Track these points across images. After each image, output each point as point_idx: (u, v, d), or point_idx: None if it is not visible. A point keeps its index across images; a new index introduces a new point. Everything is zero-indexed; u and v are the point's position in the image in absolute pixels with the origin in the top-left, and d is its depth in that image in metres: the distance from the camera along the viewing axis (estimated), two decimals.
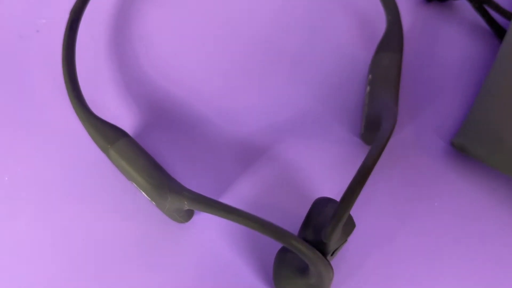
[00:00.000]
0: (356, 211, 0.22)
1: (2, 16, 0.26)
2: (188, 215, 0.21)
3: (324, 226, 0.18)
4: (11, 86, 0.24)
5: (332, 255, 0.18)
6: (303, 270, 0.17)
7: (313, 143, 0.24)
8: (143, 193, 0.20)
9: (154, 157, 0.22)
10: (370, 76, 0.24)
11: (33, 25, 0.26)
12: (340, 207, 0.16)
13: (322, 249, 0.17)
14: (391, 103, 0.20)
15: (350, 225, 0.18)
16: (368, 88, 0.23)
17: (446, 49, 0.27)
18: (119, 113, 0.24)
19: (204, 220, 0.21)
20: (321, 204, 0.19)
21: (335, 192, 0.22)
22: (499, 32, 0.26)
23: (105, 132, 0.20)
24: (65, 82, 0.22)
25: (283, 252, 0.18)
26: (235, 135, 0.24)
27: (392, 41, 0.23)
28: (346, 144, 0.24)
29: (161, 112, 0.24)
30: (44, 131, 0.23)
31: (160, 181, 0.19)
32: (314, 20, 0.27)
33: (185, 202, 0.17)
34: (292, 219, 0.22)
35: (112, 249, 0.21)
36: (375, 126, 0.21)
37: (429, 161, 0.23)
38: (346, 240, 0.18)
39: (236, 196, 0.22)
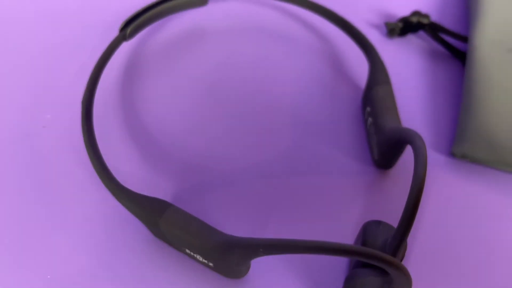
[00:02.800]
0: None
1: (8, 120, 0.26)
2: (248, 267, 0.21)
3: (383, 247, 0.19)
4: (33, 183, 0.24)
5: None
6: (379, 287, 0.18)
7: (333, 177, 0.25)
8: (199, 257, 0.21)
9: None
10: (368, 108, 0.26)
11: (40, 121, 0.26)
12: (402, 226, 0.18)
13: None
14: (401, 126, 0.23)
15: (405, 245, 0.20)
16: (369, 119, 0.26)
17: (418, 74, 0.30)
18: (151, 185, 0.24)
19: (257, 272, 0.22)
20: (372, 227, 0.20)
21: (370, 213, 0.24)
22: (457, 53, 0.31)
23: (151, 206, 0.21)
24: (96, 170, 0.22)
25: (354, 276, 0.19)
26: (264, 187, 0.25)
27: (380, 75, 0.26)
28: (360, 173, 0.26)
29: (189, 176, 0.25)
30: (79, 223, 0.23)
31: (222, 238, 0.19)
32: (303, 74, 0.30)
33: (260, 250, 0.18)
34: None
35: None
36: (388, 150, 0.24)
37: (437, 174, 0.26)
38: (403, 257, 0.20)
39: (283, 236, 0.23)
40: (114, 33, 0.31)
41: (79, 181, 0.24)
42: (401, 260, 0.20)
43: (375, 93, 0.26)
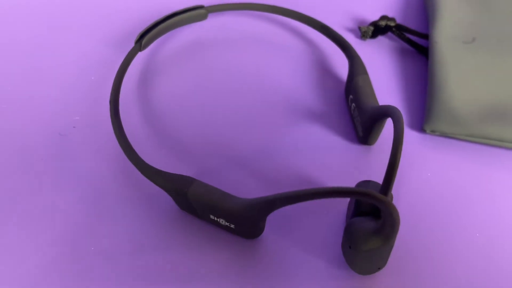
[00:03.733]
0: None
1: (41, 122, 0.30)
2: (264, 225, 0.25)
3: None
4: (71, 173, 0.28)
5: None
6: (375, 229, 0.23)
7: (327, 156, 0.30)
8: (222, 220, 0.25)
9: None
10: (351, 96, 0.31)
11: (69, 123, 0.30)
12: (388, 170, 0.22)
13: None
14: (379, 105, 0.28)
15: (391, 196, 0.24)
16: (353, 104, 0.31)
17: (389, 69, 0.36)
18: (172, 167, 0.29)
19: (269, 232, 0.26)
20: (364, 184, 0.25)
21: (354, 183, 0.29)
22: (421, 49, 0.36)
23: (180, 181, 0.25)
24: (129, 156, 0.26)
25: (352, 222, 0.24)
26: (267, 166, 0.29)
27: (358, 68, 0.32)
28: (348, 149, 0.31)
29: (204, 160, 0.29)
30: (116, 204, 0.27)
31: (242, 201, 0.23)
32: (294, 73, 0.35)
33: (277, 202, 0.22)
34: (335, 210, 0.27)
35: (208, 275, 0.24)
36: (371, 127, 0.29)
37: (412, 148, 0.31)
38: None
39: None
40: (128, 45, 0.36)
41: (112, 170, 0.28)
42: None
43: (356, 82, 0.31)
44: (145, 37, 0.32)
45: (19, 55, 0.35)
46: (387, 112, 0.26)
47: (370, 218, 0.23)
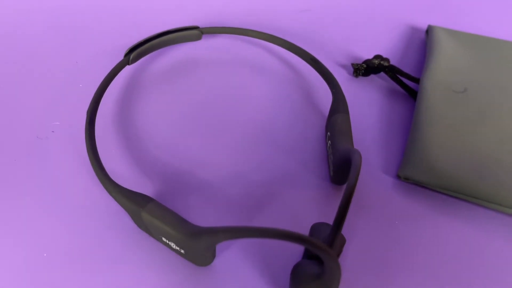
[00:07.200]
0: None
1: (20, 123, 0.31)
2: (213, 255, 0.25)
3: (324, 240, 0.23)
4: (39, 177, 0.29)
5: None
6: (316, 275, 0.22)
7: (296, 190, 0.30)
8: (173, 244, 0.25)
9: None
10: (328, 133, 0.31)
11: (48, 127, 0.31)
12: (336, 219, 0.22)
13: None
14: (351, 147, 0.28)
15: (342, 240, 0.24)
16: (329, 142, 0.31)
17: (376, 109, 0.35)
18: (139, 185, 0.29)
19: (221, 261, 0.26)
20: (318, 227, 0.24)
21: (322, 220, 0.28)
22: (411, 92, 0.36)
23: (136, 199, 0.25)
24: (93, 165, 0.26)
25: (298, 265, 0.23)
26: (235, 192, 0.29)
27: (340, 106, 0.31)
28: (319, 187, 0.30)
29: (173, 180, 0.29)
30: (75, 210, 0.27)
31: (192, 228, 0.23)
32: (278, 101, 0.35)
33: (221, 235, 0.22)
34: (292, 247, 0.27)
35: None
36: (341, 168, 0.28)
37: (384, 192, 0.30)
38: (341, 251, 0.24)
39: None
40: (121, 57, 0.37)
41: (79, 178, 0.29)
42: (338, 255, 0.24)
43: (334, 120, 0.31)
44: (134, 52, 0.33)
45: (15, 55, 0.36)
46: (348, 155, 0.25)
47: (316, 262, 0.23)
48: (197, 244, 0.23)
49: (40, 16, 0.40)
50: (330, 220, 0.29)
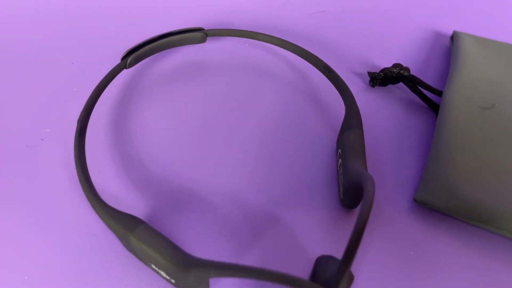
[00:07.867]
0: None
1: (9, 130, 0.29)
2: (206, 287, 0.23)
3: (329, 279, 0.21)
4: (25, 190, 0.27)
5: None
6: None
7: (301, 211, 0.27)
8: (163, 273, 0.22)
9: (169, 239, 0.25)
10: (339, 150, 0.28)
11: (38, 135, 0.29)
12: (344, 260, 0.19)
13: None
14: (363, 170, 0.25)
15: (350, 277, 0.21)
16: (339, 160, 0.28)
17: (393, 122, 0.32)
18: (131, 203, 0.27)
19: None
20: (323, 261, 0.22)
21: (328, 249, 0.26)
22: (432, 106, 0.33)
23: (124, 222, 0.23)
24: (81, 182, 0.24)
25: None
26: (234, 214, 0.27)
27: (353, 121, 0.29)
28: (327, 209, 0.28)
29: (168, 199, 0.27)
30: (60, 228, 0.25)
31: (182, 258, 0.21)
32: (286, 112, 0.32)
33: (212, 272, 0.20)
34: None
35: None
36: (352, 191, 0.26)
37: (398, 217, 0.28)
38: None
39: (246, 262, 0.25)
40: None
41: (68, 192, 0.27)
42: None
43: (346, 136, 0.28)
44: (132, 55, 0.30)
45: (10, 56, 0.34)
46: (360, 180, 0.23)
47: None
48: (188, 276, 0.21)
49: (32, 14, 0.38)
50: (338, 249, 0.26)
